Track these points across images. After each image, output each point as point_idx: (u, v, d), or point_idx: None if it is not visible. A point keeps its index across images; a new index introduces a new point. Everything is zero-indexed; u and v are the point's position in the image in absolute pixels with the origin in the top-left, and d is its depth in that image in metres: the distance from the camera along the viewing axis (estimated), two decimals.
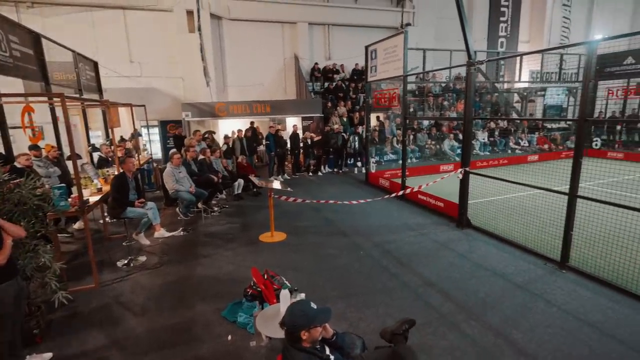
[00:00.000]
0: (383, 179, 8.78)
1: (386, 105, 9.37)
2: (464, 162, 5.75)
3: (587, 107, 4.22)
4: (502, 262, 4.60)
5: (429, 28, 15.61)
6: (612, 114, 14.06)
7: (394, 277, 4.29)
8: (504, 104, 14.99)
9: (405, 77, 7.42)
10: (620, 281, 3.89)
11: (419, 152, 11.90)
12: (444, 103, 13.98)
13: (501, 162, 11.35)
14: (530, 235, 5.13)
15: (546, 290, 3.87)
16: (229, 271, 4.60)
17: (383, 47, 8.23)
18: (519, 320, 3.36)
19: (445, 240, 5.42)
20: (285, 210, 7.12)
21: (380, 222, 6.32)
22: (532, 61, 14.77)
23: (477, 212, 6.22)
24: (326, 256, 4.99)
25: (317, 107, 11.82)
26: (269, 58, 14.03)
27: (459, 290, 3.95)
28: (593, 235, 4.60)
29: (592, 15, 19.41)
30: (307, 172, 10.84)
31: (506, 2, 17.13)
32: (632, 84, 12.87)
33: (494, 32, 17.26)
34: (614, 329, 3.18)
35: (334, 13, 14.38)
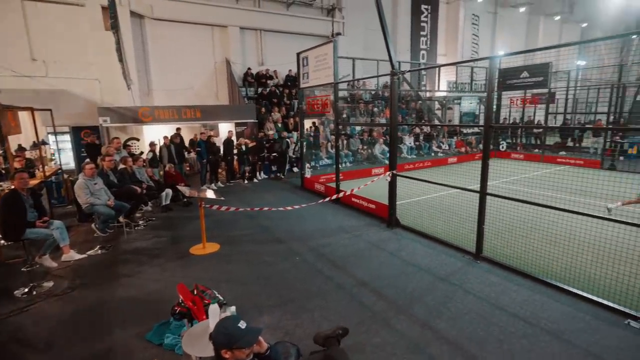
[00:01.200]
0: (318, 184, 8.92)
1: (319, 112, 9.56)
2: (391, 166, 6.09)
3: (491, 114, 4.77)
4: (427, 257, 4.95)
5: (358, 38, 16.37)
6: (514, 120, 16.16)
7: (329, 280, 4.36)
8: (427, 111, 16.32)
9: (336, 85, 7.65)
10: (523, 266, 4.44)
11: (352, 156, 12.35)
12: (374, 110, 14.74)
13: (426, 164, 12.31)
14: (450, 230, 5.61)
15: (464, 281, 4.25)
16: (155, 290, 4.25)
17: (314, 55, 8.41)
18: (442, 310, 3.64)
19: (377, 240, 5.67)
20: (218, 219, 6.83)
21: (315, 227, 6.39)
22: (449, 72, 16.35)
23: (405, 212, 6.63)
24: (261, 264, 4.89)
25: (251, 113, 11.62)
26: (199, 61, 13.45)
27: (390, 287, 4.15)
28: (501, 228, 5.19)
29: (495, 34, 22.18)
30: (242, 179, 10.56)
31: (425, 18, 18.75)
32: (528, 94, 14.93)
33: (415, 44, 18.76)
34: (518, 309, 3.61)
35: (265, 19, 14.32)
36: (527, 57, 15.70)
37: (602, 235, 4.19)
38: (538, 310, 3.58)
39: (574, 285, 3.93)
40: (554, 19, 23.79)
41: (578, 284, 3.99)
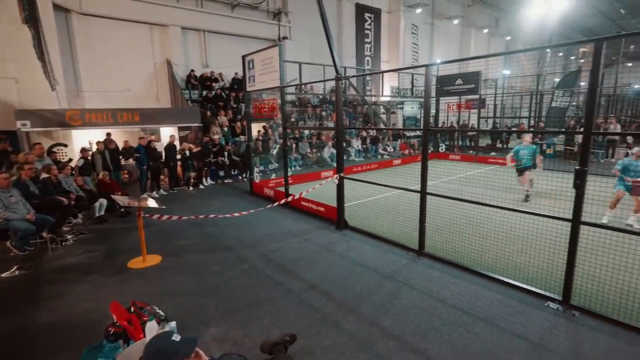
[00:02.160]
0: (268, 188, 8.81)
1: (267, 115, 9.47)
2: (338, 169, 6.21)
3: (429, 118, 5.07)
4: (375, 256, 5.11)
5: (304, 42, 16.52)
6: (451, 124, 17.40)
7: (279, 286, 4.31)
8: (373, 115, 16.96)
9: (283, 88, 7.63)
10: (460, 260, 4.76)
11: (301, 160, 12.40)
12: (322, 113, 14.96)
13: (372, 166, 12.75)
14: (396, 229, 5.86)
15: (409, 277, 4.46)
16: (86, 310, 3.87)
17: (260, 58, 8.31)
18: (388, 307, 3.77)
19: (326, 242, 5.73)
20: (160, 229, 6.44)
21: (265, 232, 6.30)
22: (392, 78, 17.15)
23: (354, 214, 6.80)
24: (208, 274, 4.69)
25: (195, 116, 11.14)
26: (137, 62, 12.62)
27: (339, 288, 4.21)
28: (440, 225, 5.54)
29: (433, 44, 23.75)
30: (187, 185, 10.07)
31: (369, 26, 19.49)
32: (462, 100, 16.18)
33: (360, 51, 19.41)
34: (456, 301, 3.86)
35: (209, 19, 13.88)
36: (461, 65, 17.04)
37: (526, 228, 4.65)
38: (473, 300, 3.87)
39: (504, 274, 4.31)
40: (483, 32, 26.12)
41: (507, 272, 4.38)
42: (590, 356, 2.96)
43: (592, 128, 3.41)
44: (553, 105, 14.32)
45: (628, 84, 23.59)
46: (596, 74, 3.36)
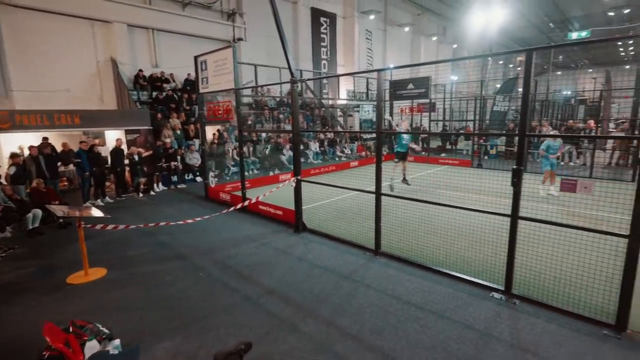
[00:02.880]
0: (224, 193, 8.57)
1: (222, 118, 9.22)
2: (296, 172, 6.20)
3: (382, 121, 5.22)
4: (333, 258, 5.16)
5: (260, 45, 16.34)
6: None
7: (236, 293, 4.19)
8: (331, 118, 17.17)
9: (238, 91, 7.48)
10: (414, 257, 4.95)
11: (259, 163, 12.21)
12: (280, 116, 14.87)
13: (330, 168, 12.90)
14: (353, 230, 5.96)
15: (365, 276, 4.55)
16: (16, 335, 3.49)
17: (213, 59, 8.08)
18: (346, 308, 3.82)
19: (284, 246, 5.68)
20: (106, 240, 6.00)
21: (221, 238, 6.11)
22: (348, 82, 17.50)
23: (312, 216, 6.82)
24: (160, 285, 4.44)
25: (145, 119, 10.56)
26: (77, 60, 11.67)
27: (297, 292, 4.19)
28: (395, 224, 5.72)
29: (386, 49, 24.61)
30: (136, 192, 9.49)
31: (325, 30, 19.75)
32: (414, 104, 16.92)
33: (317, 54, 19.60)
34: (410, 297, 4.00)
35: (158, 17, 13.23)
36: (413, 71, 17.83)
37: (473, 224, 4.96)
38: (426, 295, 4.03)
39: (454, 269, 4.54)
40: (432, 40, 27.55)
41: (456, 267, 4.62)
42: (528, 340, 3.21)
43: (526, 130, 3.72)
44: (495, 109, 15.44)
45: (558, 90, 26.11)
46: (528, 80, 3.67)
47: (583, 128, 14.31)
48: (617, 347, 3.09)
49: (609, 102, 14.10)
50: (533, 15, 25.66)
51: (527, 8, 23.70)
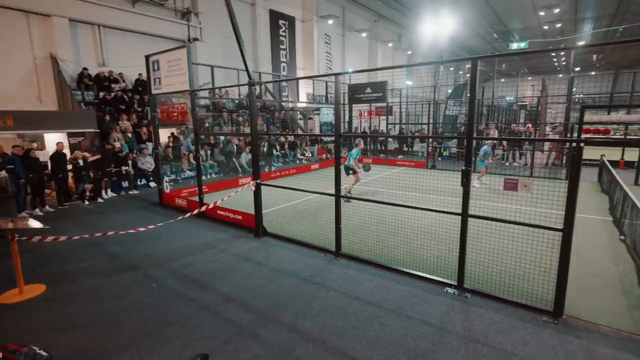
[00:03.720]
0: (180, 199, 8.21)
1: (177, 120, 8.85)
2: (255, 175, 6.10)
3: (339, 124, 5.29)
4: (294, 261, 5.13)
5: (218, 46, 15.93)
6: (364, 129, 18.54)
7: (192, 302, 4.02)
8: (291, 121, 17.13)
9: (193, 92, 7.22)
10: (374, 257, 5.06)
11: (217, 167, 11.87)
12: (239, 119, 14.57)
13: (291, 171, 12.86)
14: (314, 233, 5.97)
15: (326, 278, 4.57)
16: None
17: (166, 59, 7.73)
18: (307, 311, 3.80)
19: (244, 251, 5.56)
20: (46, 254, 5.50)
21: (177, 246, 5.84)
22: (307, 85, 17.59)
23: (273, 220, 6.74)
24: (109, 299, 4.14)
25: (90, 121, 9.84)
26: (9, 56, 10.62)
27: (258, 298, 4.11)
28: (355, 225, 5.82)
29: (345, 54, 25.08)
30: (81, 200, 8.80)
31: (284, 33, 19.71)
32: (372, 107, 17.39)
33: (276, 57, 19.49)
34: (370, 296, 4.08)
35: (105, 13, 12.41)
36: (371, 75, 18.32)
37: (428, 223, 5.17)
38: (385, 294, 4.14)
39: (411, 267, 4.71)
40: (388, 46, 28.52)
41: (413, 265, 4.79)
42: (478, 331, 3.40)
43: (473, 133, 3.96)
44: (447, 113, 16.31)
45: (502, 96, 28.14)
46: (474, 86, 3.91)
47: (524, 131, 15.54)
48: (555, 332, 3.37)
49: (545, 107, 15.45)
50: (479, 26, 27.50)
51: (473, 19, 25.34)
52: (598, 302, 3.88)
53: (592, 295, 4.05)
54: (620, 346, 3.15)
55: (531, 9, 23.31)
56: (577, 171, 3.36)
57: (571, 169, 3.41)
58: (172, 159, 11.26)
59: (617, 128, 16.36)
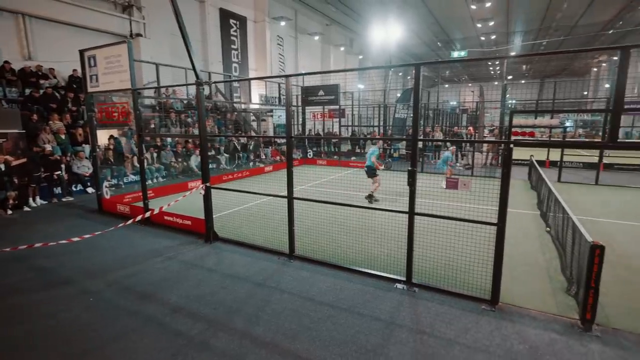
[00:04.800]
0: (122, 205, 7.65)
1: (118, 121, 8.24)
2: (204, 178, 5.87)
3: (291, 126, 5.29)
4: (246, 266, 5.01)
5: (164, 43, 15.13)
6: (317, 131, 18.71)
7: (135, 316, 3.76)
8: (243, 122, 16.78)
9: (135, 91, 6.78)
10: (327, 258, 5.11)
11: (165, 170, 11.26)
12: (188, 120, 13.96)
13: (244, 174, 12.59)
14: (268, 236, 5.89)
15: (280, 281, 4.53)
16: None
17: (104, 55, 7.18)
18: (260, 316, 3.74)
19: (193, 258, 5.32)
20: None
21: (119, 256, 5.43)
22: (260, 86, 17.37)
23: (224, 224, 6.54)
24: (36, 319, 3.73)
25: (14, 121, 8.80)
26: None
27: (208, 305, 3.95)
28: (309, 226, 5.84)
29: (298, 56, 25.14)
30: (2, 209, 7.84)
31: (235, 32, 19.26)
32: (326, 110, 17.60)
33: (227, 57, 18.97)
34: (323, 297, 4.12)
35: (32, 1, 11.21)
36: (324, 78, 18.57)
37: (379, 222, 5.34)
38: (338, 293, 4.20)
39: (363, 266, 4.83)
40: (340, 50, 29.11)
41: (365, 264, 4.92)
42: (425, 323, 3.58)
43: (418, 135, 4.17)
44: (396, 116, 17.02)
45: (446, 100, 30.01)
46: (417, 90, 4.12)
47: (466, 133, 16.72)
48: (492, 319, 3.65)
49: (483, 112, 16.76)
50: (424, 35, 29.12)
51: (419, 28, 26.79)
52: (528, 289, 4.28)
53: (523, 282, 4.45)
54: (547, 327, 3.49)
55: (470, 20, 25.19)
56: (508, 170, 3.68)
57: (503, 168, 3.72)
58: (113, 162, 10.47)
59: (543, 131, 18.21)
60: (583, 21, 24.90)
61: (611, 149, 9.68)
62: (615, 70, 3.25)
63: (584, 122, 29.42)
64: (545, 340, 3.29)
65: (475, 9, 22.40)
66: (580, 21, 24.91)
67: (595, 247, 3.26)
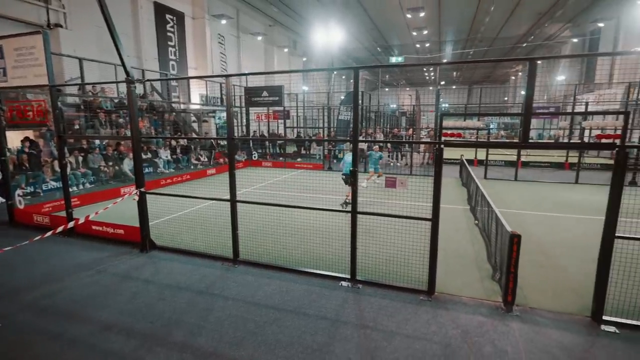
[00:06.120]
0: (40, 215, 6.82)
1: (33, 121, 7.32)
2: (138, 183, 5.46)
3: (232, 127, 5.14)
4: (187, 274, 4.76)
5: (90, 36, 13.77)
6: (262, 133, 18.45)
7: (59, 338, 3.36)
8: (183, 123, 15.93)
9: (53, 88, 6.09)
10: (273, 260, 5.05)
11: (93, 175, 10.26)
12: (119, 120, 12.88)
13: (185, 177, 11.97)
14: (210, 241, 5.65)
15: (224, 288, 4.37)
16: None
17: (13, 46, 6.33)
18: (203, 325, 3.57)
19: (127, 269, 4.92)
20: None
21: (36, 273, 4.82)
22: (201, 86, 16.65)
23: (162, 231, 6.16)
24: None
25: None
26: None
27: (144, 320, 3.68)
28: (253, 229, 5.72)
29: (240, 56, 24.56)
30: None
31: (172, 28, 18.22)
32: (270, 111, 17.45)
33: (164, 54, 17.87)
34: (269, 300, 4.06)
35: None
36: (269, 79, 18.37)
37: (324, 222, 5.41)
38: (284, 295, 4.17)
39: (308, 266, 4.86)
40: (284, 51, 29.04)
41: (311, 264, 4.95)
42: (368, 317, 3.70)
43: (358, 137, 4.31)
44: (340, 118, 17.42)
45: (387, 104, 31.45)
46: (356, 93, 4.26)
47: (405, 135, 17.69)
48: (429, 308, 3.89)
49: (419, 115, 17.86)
50: (365, 40, 30.27)
51: (359, 33, 27.78)
52: (460, 278, 4.64)
53: (456, 272, 4.81)
54: (476, 311, 3.82)
55: (406, 28, 26.74)
56: (440, 169, 3.96)
57: (435, 167, 4.00)
58: (28, 167, 9.28)
59: (472, 132, 19.95)
60: (503, 34, 27.82)
61: (524, 148, 10.93)
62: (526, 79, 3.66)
63: (505, 125, 32.80)
64: (475, 323, 3.59)
65: (411, 18, 23.84)
66: (501, 34, 27.79)
67: (513, 236, 3.65)
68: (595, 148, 3.99)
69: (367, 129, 17.10)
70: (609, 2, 20.29)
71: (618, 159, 3.38)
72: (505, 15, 23.26)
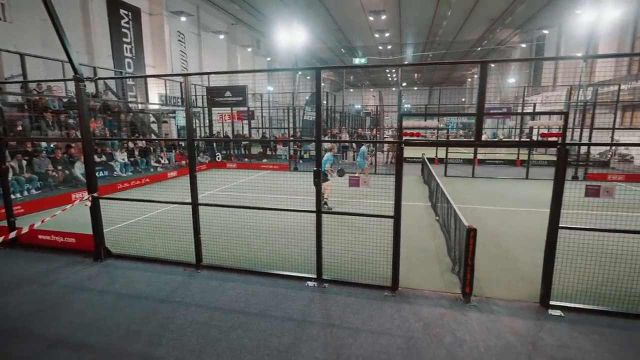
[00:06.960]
0: None
1: None
2: (90, 188, 5.13)
3: (192, 128, 4.98)
4: (146, 282, 4.54)
5: (33, 30, 12.71)
6: (226, 134, 18.03)
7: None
8: (141, 124, 15.18)
9: None
10: (238, 263, 4.95)
11: (39, 181, 9.49)
12: (69, 121, 12.02)
13: (144, 181, 11.42)
14: (172, 247, 5.43)
15: (186, 294, 4.22)
16: None
17: None
18: (163, 334, 3.42)
19: (79, 280, 4.60)
20: None
21: None
22: (160, 85, 15.96)
23: (119, 238, 5.84)
24: None
25: None
26: None
27: (98, 333, 3.46)
28: (217, 233, 5.57)
29: (202, 54, 23.85)
30: None
31: (127, 24, 17.30)
32: (234, 111, 17.08)
33: (118, 51, 16.94)
34: (234, 304, 3.97)
35: None
36: (232, 79, 17.95)
37: (289, 222, 5.37)
38: (250, 298, 4.10)
39: (274, 268, 4.81)
40: (247, 50, 28.57)
41: (277, 265, 4.91)
42: (335, 316, 3.73)
43: (321, 137, 4.33)
44: (305, 118, 17.43)
45: (352, 104, 31.92)
46: (319, 93, 4.27)
47: (369, 134, 18.03)
48: (394, 302, 3.99)
49: (383, 115, 18.31)
50: (329, 41, 30.52)
51: (323, 33, 27.97)
52: (422, 272, 4.81)
53: (418, 267, 4.98)
54: (437, 303, 3.97)
55: (368, 30, 27.29)
56: (400, 167, 4.07)
57: (396, 166, 4.11)
58: None
59: (432, 132, 20.74)
60: (459, 37, 29.20)
61: (477, 147, 11.56)
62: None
63: (463, 124, 34.45)
64: (436, 315, 3.73)
65: (373, 20, 24.36)
66: (458, 37, 29.15)
67: (470, 230, 3.83)
68: (540, 146, 4.30)
69: (332, 129, 17.24)
70: (552, 10, 21.94)
71: (559, 156, 3.66)
72: (461, 20, 24.44)
